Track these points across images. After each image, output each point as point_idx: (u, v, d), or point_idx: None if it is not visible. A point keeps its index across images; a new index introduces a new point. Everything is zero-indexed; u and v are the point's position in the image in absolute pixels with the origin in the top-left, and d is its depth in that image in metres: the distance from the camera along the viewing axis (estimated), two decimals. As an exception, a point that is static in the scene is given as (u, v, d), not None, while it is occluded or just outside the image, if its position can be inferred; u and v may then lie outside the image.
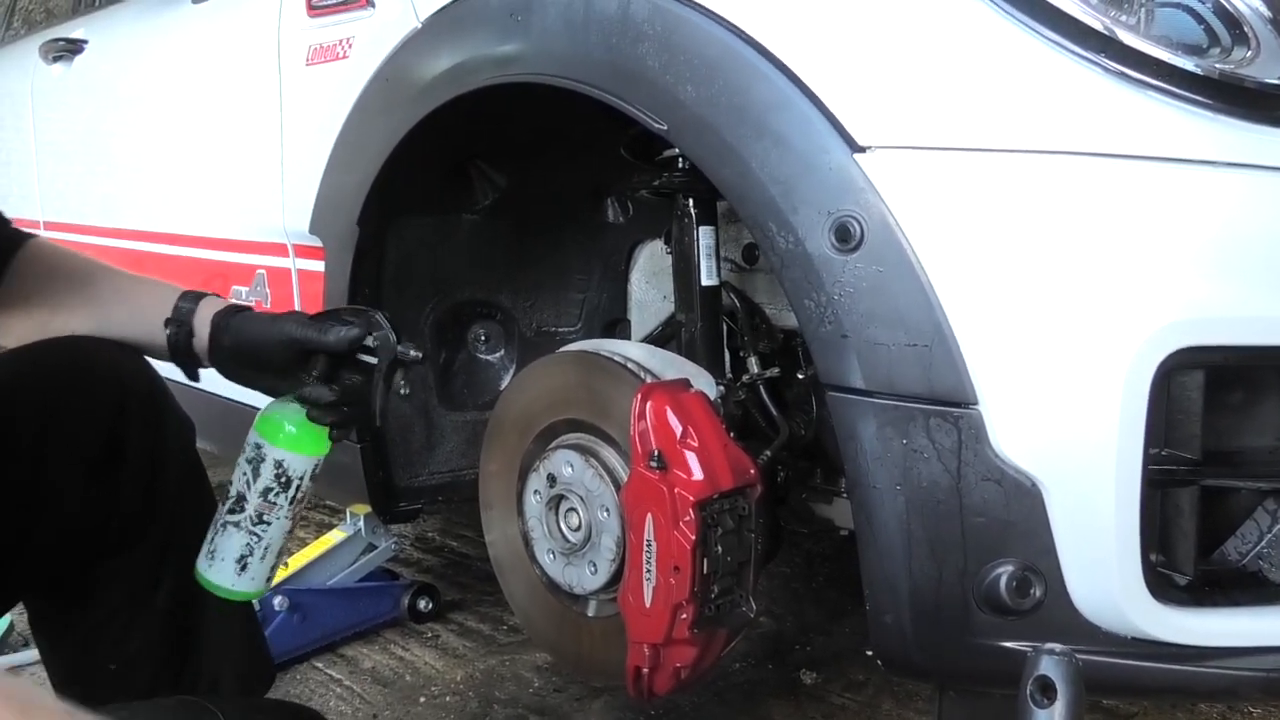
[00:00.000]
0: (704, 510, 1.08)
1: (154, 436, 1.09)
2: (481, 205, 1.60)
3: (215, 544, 1.07)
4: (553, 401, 1.30)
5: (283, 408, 1.07)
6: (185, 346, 1.09)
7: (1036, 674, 0.72)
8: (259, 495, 1.05)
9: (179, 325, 1.09)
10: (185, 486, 1.13)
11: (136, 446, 1.07)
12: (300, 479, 1.06)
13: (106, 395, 1.06)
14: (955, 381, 0.92)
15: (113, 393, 1.06)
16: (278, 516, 1.05)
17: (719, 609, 1.13)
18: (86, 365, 1.07)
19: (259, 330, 1.06)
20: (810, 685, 1.73)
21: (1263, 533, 1.01)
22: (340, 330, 1.03)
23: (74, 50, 2.43)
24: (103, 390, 1.06)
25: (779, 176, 0.98)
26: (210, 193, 1.97)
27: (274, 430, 1.05)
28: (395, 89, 1.42)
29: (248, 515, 1.05)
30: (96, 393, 1.06)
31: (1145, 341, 0.89)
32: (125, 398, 1.07)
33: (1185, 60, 0.92)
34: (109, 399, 1.06)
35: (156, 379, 1.12)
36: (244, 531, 1.05)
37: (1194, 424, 0.94)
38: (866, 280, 0.95)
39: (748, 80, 1.01)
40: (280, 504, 1.05)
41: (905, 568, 0.96)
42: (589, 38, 1.14)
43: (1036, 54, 0.93)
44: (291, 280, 1.73)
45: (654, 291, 1.70)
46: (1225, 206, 0.91)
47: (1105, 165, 0.91)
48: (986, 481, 0.93)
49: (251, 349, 1.07)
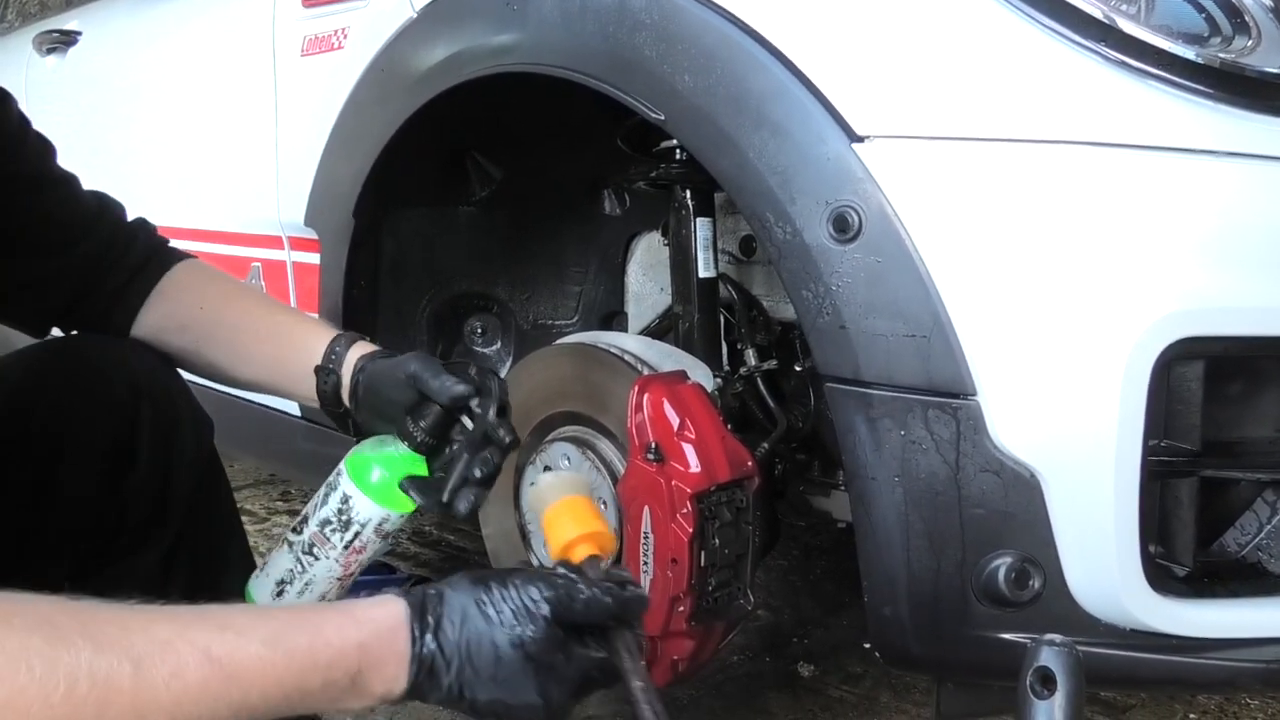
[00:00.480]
0: (701, 502, 1.08)
1: (167, 438, 1.06)
2: (478, 197, 1.60)
3: (270, 556, 1.00)
4: (549, 394, 1.30)
5: (380, 447, 0.96)
6: (334, 397, 1.00)
7: (1037, 665, 0.71)
8: (318, 525, 0.95)
9: (328, 374, 1.00)
10: (200, 488, 1.10)
11: (149, 448, 1.05)
12: (362, 525, 0.94)
13: (119, 396, 1.04)
14: (954, 372, 0.92)
15: (125, 394, 1.04)
16: (327, 555, 0.95)
17: (716, 601, 1.13)
18: (99, 366, 1.05)
19: (383, 369, 0.97)
20: (808, 678, 1.72)
21: (1262, 524, 1.00)
22: (448, 382, 0.91)
23: (68, 42, 2.42)
24: (115, 391, 1.04)
25: (777, 166, 0.98)
26: (205, 185, 1.97)
27: (359, 466, 0.94)
28: (391, 80, 1.42)
29: (303, 540, 0.96)
30: (109, 394, 1.04)
31: (1145, 332, 0.89)
32: (138, 399, 1.04)
33: (1186, 49, 0.91)
34: (121, 400, 1.04)
35: (174, 379, 1.10)
36: (294, 555, 0.96)
37: (1193, 415, 0.94)
38: (865, 271, 0.94)
39: (745, 69, 1.00)
40: (334, 542, 0.94)
41: (904, 559, 0.96)
42: (586, 26, 1.13)
43: (1036, 43, 0.92)
44: (287, 273, 1.72)
45: (651, 284, 1.69)
46: (1225, 196, 0.91)
47: (1105, 155, 0.91)
48: (985, 473, 0.92)
49: (374, 390, 0.97)
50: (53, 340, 1.09)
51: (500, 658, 0.71)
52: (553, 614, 0.73)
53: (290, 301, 1.72)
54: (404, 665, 0.69)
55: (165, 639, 0.61)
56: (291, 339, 1.06)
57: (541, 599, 0.73)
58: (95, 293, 1.09)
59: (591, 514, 0.85)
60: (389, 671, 0.69)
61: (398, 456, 0.94)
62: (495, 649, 0.71)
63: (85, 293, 1.08)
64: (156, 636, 0.61)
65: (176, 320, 1.09)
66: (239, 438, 2.04)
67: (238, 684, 0.62)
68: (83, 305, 1.09)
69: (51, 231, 1.06)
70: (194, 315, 1.10)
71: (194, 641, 0.61)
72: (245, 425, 1.91)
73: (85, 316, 1.10)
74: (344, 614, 0.70)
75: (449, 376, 0.92)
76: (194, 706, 0.60)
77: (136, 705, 0.58)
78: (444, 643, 0.70)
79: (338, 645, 0.67)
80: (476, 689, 0.71)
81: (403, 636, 0.70)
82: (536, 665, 0.72)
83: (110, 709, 0.57)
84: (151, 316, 1.09)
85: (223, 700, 0.61)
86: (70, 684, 0.56)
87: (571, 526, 0.83)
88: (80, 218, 1.09)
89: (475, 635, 0.71)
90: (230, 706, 0.61)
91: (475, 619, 0.72)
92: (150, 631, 0.61)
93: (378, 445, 0.96)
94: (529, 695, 0.72)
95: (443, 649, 0.70)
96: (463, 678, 0.70)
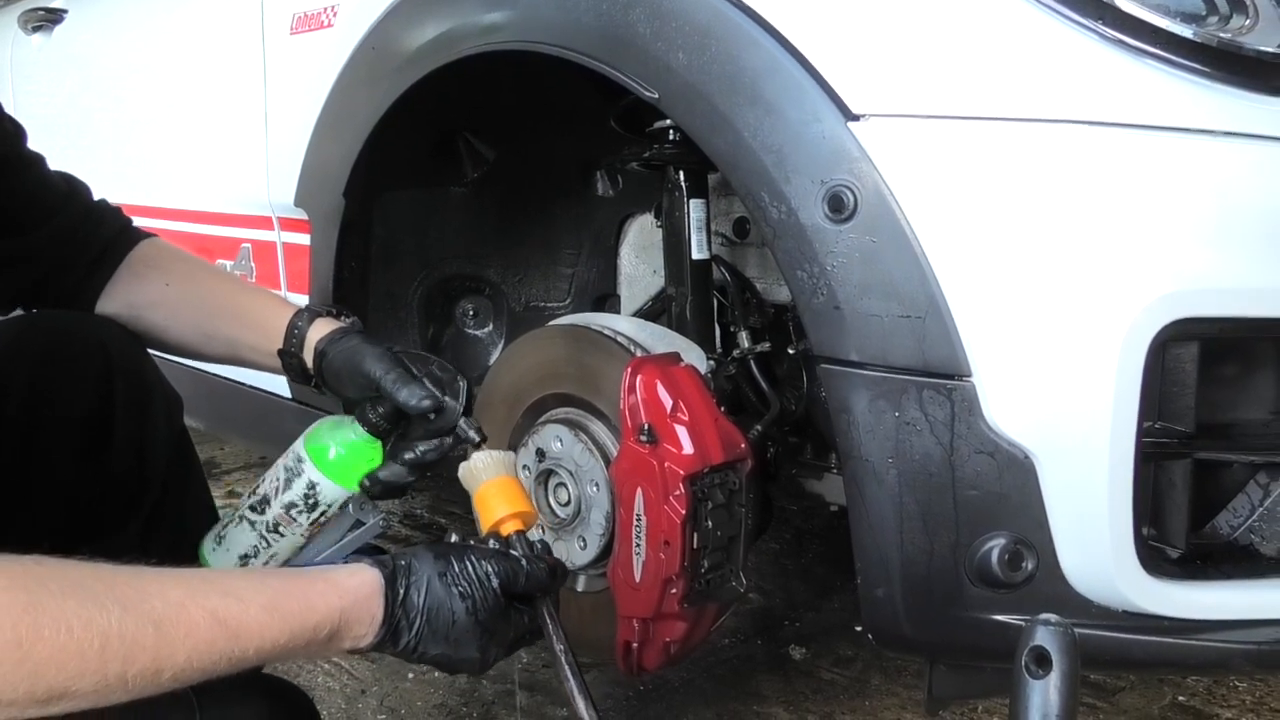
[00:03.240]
0: (694, 484, 1.08)
1: (141, 411, 1.07)
2: (470, 178, 1.58)
3: (227, 531, 1.04)
4: (542, 376, 1.29)
5: (336, 429, 1.01)
6: (302, 375, 1.06)
7: (1032, 645, 0.71)
8: (283, 507, 1.00)
9: (290, 357, 1.06)
10: (174, 461, 1.12)
11: (124, 421, 1.05)
12: (329, 505, 1.01)
13: (93, 370, 1.05)
14: (949, 353, 0.91)
15: (99, 368, 1.05)
16: (293, 532, 1.01)
17: (709, 584, 1.12)
18: (72, 341, 1.06)
19: (343, 359, 1.02)
20: (800, 660, 1.73)
21: (1254, 506, 1.00)
22: (415, 392, 0.96)
23: (54, 20, 2.39)
24: (89, 365, 1.05)
25: (771, 145, 0.97)
26: (194, 165, 1.95)
27: (320, 451, 1.00)
28: (381, 58, 1.40)
29: (266, 520, 1.01)
30: (83, 368, 1.04)
31: (1140, 313, 0.89)
32: (111, 373, 1.05)
33: (1183, 28, 0.91)
34: (95, 374, 1.04)
35: (143, 355, 1.11)
36: (257, 534, 1.02)
37: (1188, 396, 0.93)
38: (860, 251, 0.93)
39: (740, 47, 0.99)
40: (300, 522, 1.01)
41: (897, 541, 0.95)
42: (578, 3, 1.11)
43: (1033, 20, 0.91)
44: (277, 254, 1.71)
45: (644, 266, 1.69)
46: (1222, 176, 0.90)
47: (1101, 134, 0.90)
48: (979, 454, 0.92)
49: (336, 377, 1.03)
50: (22, 317, 1.09)
51: (455, 621, 0.84)
52: (500, 586, 0.86)
53: (281, 283, 1.71)
54: (375, 626, 0.81)
55: (179, 602, 0.70)
56: (254, 318, 1.10)
57: (493, 573, 0.86)
58: (64, 270, 1.09)
59: (518, 493, 0.95)
60: (361, 630, 0.80)
61: (357, 442, 1.01)
62: (453, 614, 0.84)
63: (54, 270, 1.09)
64: (171, 600, 0.70)
65: (145, 297, 1.11)
66: (230, 420, 2.03)
67: (239, 642, 0.72)
68: (51, 282, 1.10)
69: (22, 210, 1.06)
70: (160, 293, 1.11)
71: (203, 605, 0.71)
72: (236, 408, 1.90)
73: (53, 293, 1.10)
74: (329, 582, 0.80)
75: (411, 388, 0.97)
76: (201, 660, 0.70)
77: (157, 659, 0.68)
78: (410, 608, 0.83)
79: (323, 611, 0.77)
80: (429, 645, 0.83)
81: (377, 602, 0.81)
82: (483, 628, 0.85)
83: (135, 664, 0.67)
84: (118, 293, 1.11)
85: (224, 655, 0.72)
86: (104, 642, 0.65)
87: (501, 505, 0.94)
88: (50, 196, 1.09)
89: (437, 602, 0.83)
90: (230, 659, 0.72)
91: (437, 589, 0.84)
92: (166, 596, 0.70)
93: (335, 428, 1.02)
94: (470, 651, 0.85)
95: (408, 614, 0.82)
96: (420, 636, 0.83)
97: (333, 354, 1.02)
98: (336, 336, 1.04)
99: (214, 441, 2.89)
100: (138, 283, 1.11)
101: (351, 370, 1.00)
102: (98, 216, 1.13)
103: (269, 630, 0.74)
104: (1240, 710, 1.56)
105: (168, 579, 0.73)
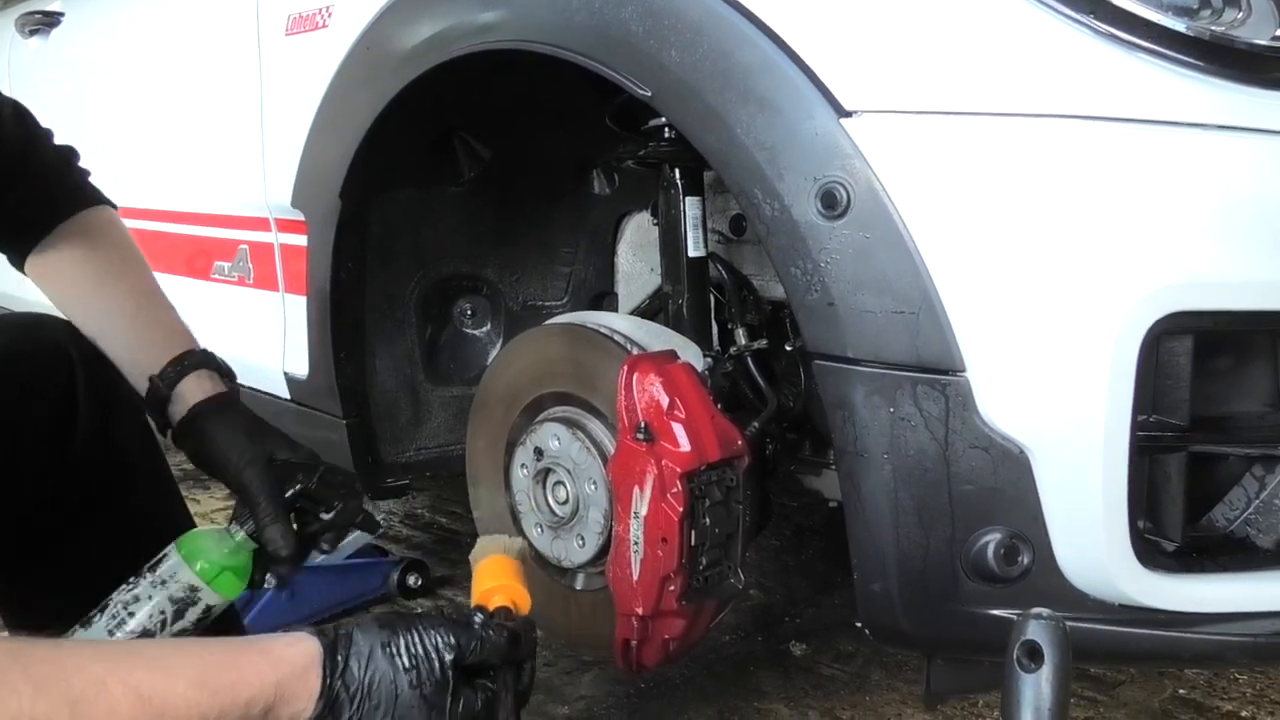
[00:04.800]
0: (691, 482, 1.08)
1: (105, 407, 1.08)
2: (466, 178, 1.58)
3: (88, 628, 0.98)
4: (539, 375, 1.29)
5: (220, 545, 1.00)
6: (159, 409, 1.07)
7: (1023, 638, 0.71)
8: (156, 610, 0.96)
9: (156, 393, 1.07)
10: (139, 457, 1.13)
11: (87, 417, 1.06)
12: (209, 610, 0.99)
13: (55, 366, 1.06)
14: (943, 349, 0.91)
15: (61, 365, 1.06)
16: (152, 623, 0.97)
17: (707, 581, 1.13)
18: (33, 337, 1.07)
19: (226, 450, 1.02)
20: (800, 656, 1.73)
21: (1250, 499, 1.00)
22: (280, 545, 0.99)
23: (51, 23, 2.39)
24: (51, 361, 1.06)
25: (764, 142, 0.97)
26: (190, 166, 1.95)
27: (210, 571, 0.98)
28: (376, 58, 1.40)
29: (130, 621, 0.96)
30: (45, 363, 1.05)
31: (1134, 306, 0.89)
32: (73, 369, 1.07)
33: (1176, 21, 0.91)
34: (58, 370, 1.06)
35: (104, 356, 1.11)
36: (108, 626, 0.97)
37: (1182, 389, 0.93)
38: (853, 247, 0.93)
39: (732, 44, 0.99)
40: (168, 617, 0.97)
41: (893, 536, 0.95)
42: (571, 2, 1.12)
43: (1024, 15, 0.91)
44: (274, 255, 1.71)
45: (641, 264, 1.69)
46: (1215, 170, 0.90)
47: (1094, 128, 0.90)
48: (974, 449, 0.92)
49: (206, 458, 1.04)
50: None
51: (399, 697, 0.78)
52: (452, 659, 0.80)
53: (279, 284, 1.71)
54: (313, 700, 0.76)
55: (99, 678, 0.66)
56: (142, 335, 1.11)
57: (444, 645, 0.81)
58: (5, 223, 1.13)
59: (513, 573, 0.94)
60: (299, 705, 0.75)
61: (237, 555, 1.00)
62: (395, 689, 0.78)
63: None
64: (91, 676, 0.66)
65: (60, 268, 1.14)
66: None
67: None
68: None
69: None
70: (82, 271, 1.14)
71: (126, 681, 0.67)
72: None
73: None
74: (263, 653, 0.76)
75: (277, 529, 0.98)
76: None
77: None
78: (350, 682, 0.77)
79: (257, 685, 0.73)
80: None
81: (315, 675, 0.76)
82: (430, 705, 0.79)
83: None
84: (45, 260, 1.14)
85: None
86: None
87: (487, 579, 0.93)
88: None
89: (379, 675, 0.78)
90: None
91: (380, 660, 0.78)
92: (86, 671, 0.66)
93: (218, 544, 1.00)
94: None
95: (348, 687, 0.77)
96: (361, 712, 0.77)
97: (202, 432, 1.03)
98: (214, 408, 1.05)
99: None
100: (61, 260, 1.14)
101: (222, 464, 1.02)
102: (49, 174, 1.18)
103: (197, 707, 0.70)
104: (1241, 703, 1.56)
105: (89, 652, 0.69)
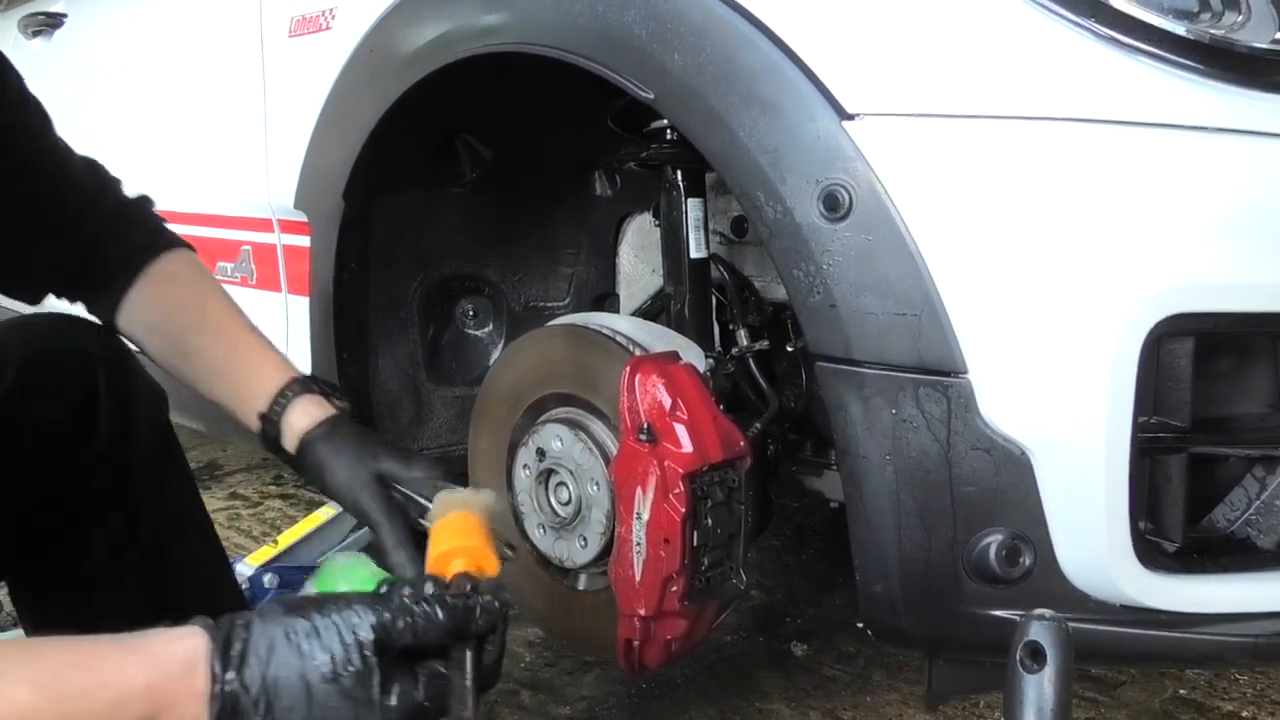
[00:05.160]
0: (694, 482, 1.08)
1: (124, 409, 1.08)
2: (469, 179, 1.59)
3: None
4: (541, 376, 1.30)
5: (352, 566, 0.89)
6: (275, 448, 1.03)
7: (1026, 639, 0.72)
8: None
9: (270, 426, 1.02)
10: (158, 456, 1.12)
11: (107, 419, 1.06)
12: None
13: (75, 368, 1.05)
14: (944, 351, 0.92)
15: (81, 366, 1.06)
16: None
17: (709, 581, 1.13)
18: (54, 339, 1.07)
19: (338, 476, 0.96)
20: (801, 657, 1.73)
21: (1251, 500, 1.01)
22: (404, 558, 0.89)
23: (54, 24, 2.40)
24: (71, 363, 1.06)
25: (767, 145, 0.97)
26: (193, 168, 1.95)
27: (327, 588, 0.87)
28: (379, 60, 1.41)
29: None
30: (65, 365, 1.05)
31: (1135, 308, 0.89)
32: (94, 370, 1.06)
33: (1176, 25, 0.91)
34: (78, 371, 1.05)
35: (126, 351, 1.12)
36: None
37: (1183, 391, 0.94)
38: (855, 249, 0.94)
39: (735, 47, 1.00)
40: None
41: (895, 537, 0.96)
42: (574, 5, 1.12)
43: (1026, 18, 0.92)
44: (277, 256, 1.71)
45: (643, 265, 1.69)
46: (1216, 172, 0.91)
47: (1095, 131, 0.90)
48: (976, 451, 0.92)
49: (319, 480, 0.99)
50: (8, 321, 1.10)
51: (312, 694, 0.66)
52: (375, 642, 0.68)
53: (281, 285, 1.71)
54: (203, 703, 0.63)
55: None
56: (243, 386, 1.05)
57: (365, 626, 0.68)
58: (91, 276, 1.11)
59: (476, 532, 0.80)
60: (191, 710, 0.63)
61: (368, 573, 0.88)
62: (306, 684, 0.66)
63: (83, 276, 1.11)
64: None
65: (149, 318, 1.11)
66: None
67: None
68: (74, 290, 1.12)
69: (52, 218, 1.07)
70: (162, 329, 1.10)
71: None
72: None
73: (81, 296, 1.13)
74: (131, 651, 0.64)
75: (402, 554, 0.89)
76: None
77: None
78: (247, 680, 0.64)
79: (118, 687, 0.61)
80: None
81: (201, 674, 0.64)
82: (353, 700, 0.66)
83: None
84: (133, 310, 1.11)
85: None
86: None
87: (448, 540, 0.79)
88: (76, 200, 1.10)
89: (283, 670, 0.65)
90: None
91: (284, 652, 0.66)
92: None
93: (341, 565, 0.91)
94: None
95: (246, 687, 0.64)
96: (268, 713, 0.65)
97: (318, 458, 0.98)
98: (326, 429, 0.99)
99: (216, 444, 2.89)
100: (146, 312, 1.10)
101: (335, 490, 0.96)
102: (127, 222, 1.13)
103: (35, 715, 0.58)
104: (1241, 703, 1.57)
105: None
